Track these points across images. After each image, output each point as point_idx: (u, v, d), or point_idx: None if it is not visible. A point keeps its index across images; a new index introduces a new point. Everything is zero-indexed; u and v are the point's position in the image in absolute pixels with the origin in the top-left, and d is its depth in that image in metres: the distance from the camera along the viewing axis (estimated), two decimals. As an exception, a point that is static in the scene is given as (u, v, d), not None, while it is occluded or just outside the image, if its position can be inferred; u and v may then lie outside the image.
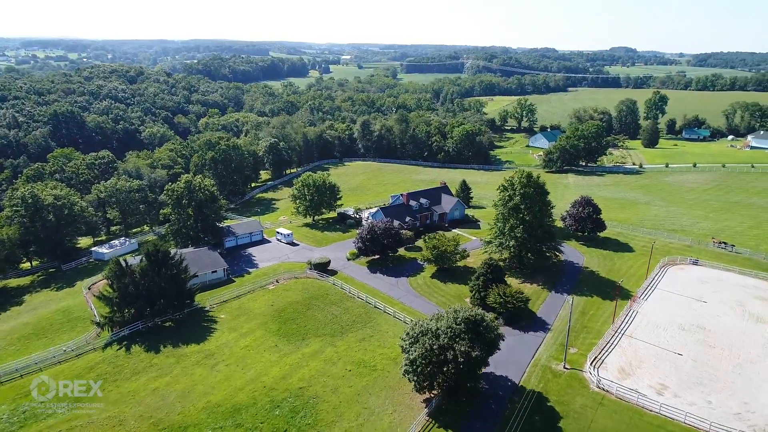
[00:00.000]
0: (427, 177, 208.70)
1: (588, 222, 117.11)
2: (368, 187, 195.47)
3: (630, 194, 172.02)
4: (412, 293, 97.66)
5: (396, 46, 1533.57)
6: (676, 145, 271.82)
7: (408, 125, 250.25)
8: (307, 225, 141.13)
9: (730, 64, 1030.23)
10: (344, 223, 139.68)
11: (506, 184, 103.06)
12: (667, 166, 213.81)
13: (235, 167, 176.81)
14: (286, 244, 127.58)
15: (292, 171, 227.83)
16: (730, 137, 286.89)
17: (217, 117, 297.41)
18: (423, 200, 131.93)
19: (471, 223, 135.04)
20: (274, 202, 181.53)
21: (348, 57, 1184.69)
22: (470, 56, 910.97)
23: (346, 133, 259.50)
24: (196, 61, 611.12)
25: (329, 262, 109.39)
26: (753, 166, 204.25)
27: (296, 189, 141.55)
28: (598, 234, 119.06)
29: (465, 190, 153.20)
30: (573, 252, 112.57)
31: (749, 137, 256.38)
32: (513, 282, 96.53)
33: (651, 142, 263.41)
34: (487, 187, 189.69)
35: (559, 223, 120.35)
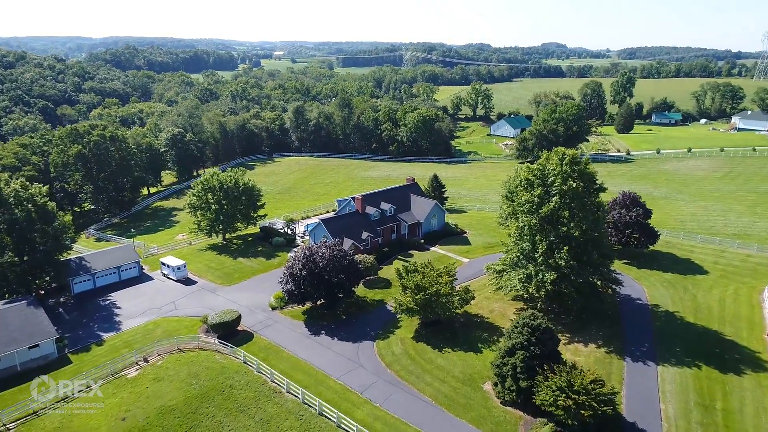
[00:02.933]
0: (379, 173, 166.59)
1: (635, 230, 78.69)
2: (304, 188, 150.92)
3: (637, 186, 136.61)
4: (387, 376, 54.88)
5: (331, 43, 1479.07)
6: (650, 129, 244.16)
7: (351, 112, 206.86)
8: (213, 247, 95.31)
9: (657, 58, 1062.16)
10: (269, 242, 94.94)
11: (531, 177, 62.18)
12: (658, 152, 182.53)
13: (117, 166, 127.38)
14: (177, 281, 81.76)
15: (207, 171, 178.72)
16: (703, 120, 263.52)
17: (115, 108, 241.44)
18: (385, 206, 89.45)
19: (455, 236, 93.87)
20: (175, 212, 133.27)
21: (281, 53, 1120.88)
22: (409, 48, 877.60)
23: (277, 123, 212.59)
24: (104, 50, 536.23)
25: (239, 318, 64.72)
26: (755, 149, 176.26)
27: (194, 194, 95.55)
28: (648, 247, 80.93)
29: (437, 188, 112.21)
30: (622, 278, 73.45)
31: (735, 119, 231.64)
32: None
33: (626, 127, 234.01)
34: (455, 183, 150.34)
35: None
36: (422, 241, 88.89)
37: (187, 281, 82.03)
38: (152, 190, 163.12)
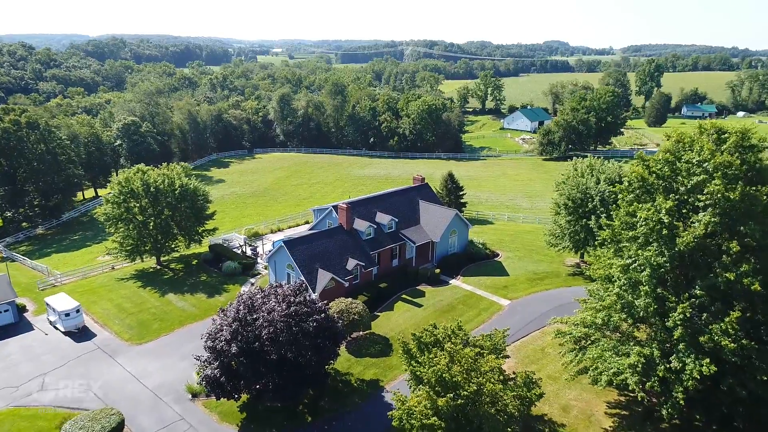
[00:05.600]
0: (377, 172, 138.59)
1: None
2: (284, 190, 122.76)
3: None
4: None
5: (330, 41, 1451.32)
6: (683, 123, 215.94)
7: (345, 100, 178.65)
8: (142, 275, 67.17)
9: (662, 54, 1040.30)
10: (219, 267, 66.60)
11: (650, 177, 33.89)
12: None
13: (41, 163, 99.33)
14: (65, 333, 53.68)
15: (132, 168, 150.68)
16: (741, 113, 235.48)
17: (79, 97, 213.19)
18: (383, 217, 61.13)
19: (484, 262, 65.49)
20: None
21: (279, 50, 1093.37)
22: (410, 44, 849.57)
23: (260, 114, 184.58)
24: (86, 42, 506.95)
25: (121, 425, 36.32)
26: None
27: (111, 201, 67.23)
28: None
29: (453, 191, 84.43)
30: None
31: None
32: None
33: (658, 119, 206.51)
34: (471, 184, 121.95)
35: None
36: (437, 270, 60.49)
37: (82, 333, 53.98)
38: (102, 192, 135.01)
